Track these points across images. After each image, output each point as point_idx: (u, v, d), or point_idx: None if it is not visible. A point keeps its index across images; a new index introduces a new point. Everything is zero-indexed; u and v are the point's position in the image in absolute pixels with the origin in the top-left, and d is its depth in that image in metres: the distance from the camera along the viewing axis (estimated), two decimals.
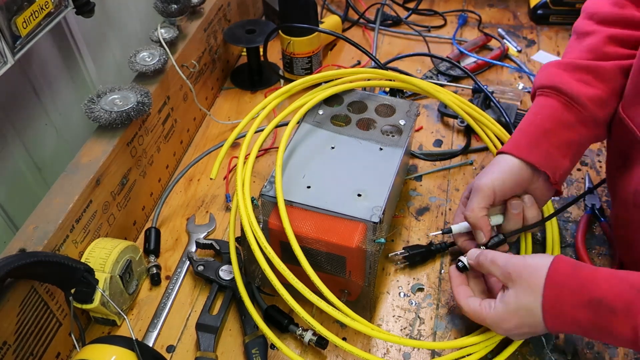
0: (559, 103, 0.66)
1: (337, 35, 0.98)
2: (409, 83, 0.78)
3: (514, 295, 0.57)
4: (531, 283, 0.56)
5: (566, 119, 0.66)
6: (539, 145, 0.66)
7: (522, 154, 0.65)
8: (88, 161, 0.70)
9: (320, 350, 0.67)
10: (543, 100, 0.68)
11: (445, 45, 1.15)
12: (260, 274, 0.71)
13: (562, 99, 0.66)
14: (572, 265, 0.56)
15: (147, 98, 0.75)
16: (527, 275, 0.56)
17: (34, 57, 0.73)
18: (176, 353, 0.68)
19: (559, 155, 0.66)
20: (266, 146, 0.92)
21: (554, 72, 0.68)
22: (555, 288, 0.55)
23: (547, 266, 0.56)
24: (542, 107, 0.68)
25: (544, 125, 0.66)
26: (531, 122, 0.68)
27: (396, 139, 0.73)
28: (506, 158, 0.66)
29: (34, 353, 0.61)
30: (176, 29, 0.88)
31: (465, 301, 0.62)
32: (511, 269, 0.58)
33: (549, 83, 0.68)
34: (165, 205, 0.85)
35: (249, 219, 0.63)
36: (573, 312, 0.54)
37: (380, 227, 0.62)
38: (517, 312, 0.57)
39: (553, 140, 0.66)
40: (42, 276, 0.59)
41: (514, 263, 0.58)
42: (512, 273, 0.57)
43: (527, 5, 1.22)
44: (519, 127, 0.69)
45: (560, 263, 0.56)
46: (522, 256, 0.60)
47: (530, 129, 0.67)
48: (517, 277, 0.57)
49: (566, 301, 0.54)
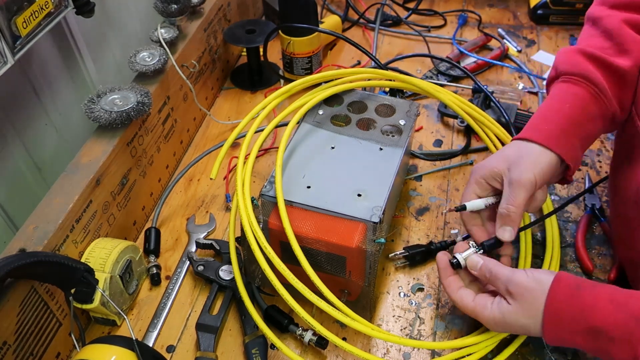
0: (587, 93, 0.64)
1: (337, 35, 0.98)
2: (409, 83, 0.78)
3: (514, 312, 0.57)
4: (531, 307, 0.56)
5: (592, 111, 0.64)
6: (569, 137, 0.63)
7: (555, 147, 0.62)
8: (88, 161, 0.70)
9: (320, 350, 0.67)
10: (571, 88, 0.65)
11: (445, 45, 1.15)
12: (260, 274, 0.71)
13: (592, 89, 0.64)
14: (572, 289, 0.55)
15: (147, 98, 0.75)
16: (528, 297, 0.56)
17: (34, 57, 0.73)
18: (176, 353, 0.68)
19: (579, 147, 0.64)
20: (266, 146, 0.92)
21: (580, 60, 0.66)
22: (554, 316, 0.54)
23: (547, 290, 0.55)
24: (571, 95, 0.65)
25: (573, 115, 0.64)
26: (559, 110, 0.65)
27: (396, 139, 0.73)
28: (540, 150, 0.63)
29: (34, 353, 0.61)
30: (176, 29, 0.88)
31: (458, 294, 0.62)
32: (512, 288, 0.57)
33: (577, 70, 0.65)
34: (165, 205, 0.85)
35: (249, 219, 0.63)
36: (572, 338, 0.54)
37: (380, 227, 0.62)
38: (514, 326, 0.58)
39: (580, 133, 0.64)
40: (42, 276, 0.59)
41: (516, 283, 0.57)
42: (513, 292, 0.57)
43: (527, 5, 1.22)
44: (545, 113, 0.66)
45: (561, 286, 0.55)
46: (525, 273, 0.58)
47: (559, 118, 0.64)
48: (517, 297, 0.57)
49: (565, 328, 0.54)
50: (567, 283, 0.55)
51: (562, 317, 0.54)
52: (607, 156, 0.88)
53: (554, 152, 0.62)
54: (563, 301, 0.54)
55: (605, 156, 0.88)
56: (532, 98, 1.00)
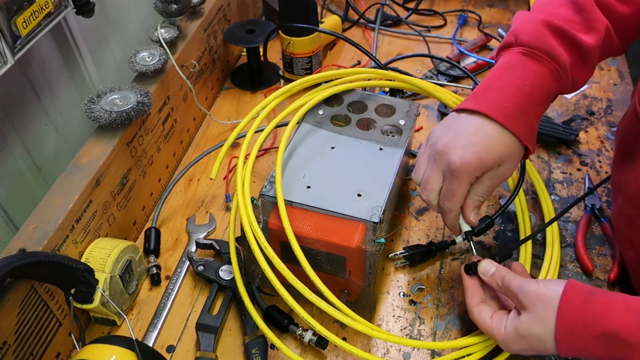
0: (549, 71, 0.61)
1: (337, 35, 0.98)
2: (409, 83, 0.78)
3: (526, 323, 0.56)
4: (543, 315, 0.54)
5: (551, 89, 0.62)
6: (526, 115, 0.60)
7: (510, 124, 0.58)
8: (88, 161, 0.70)
9: (320, 350, 0.67)
10: (534, 64, 0.61)
11: (445, 45, 1.15)
12: (260, 274, 0.71)
13: (554, 67, 0.61)
14: (584, 295, 0.54)
15: (147, 98, 0.75)
16: (540, 305, 0.55)
17: (34, 57, 0.73)
18: (176, 353, 0.68)
19: (536, 125, 0.62)
20: (266, 146, 0.92)
21: (545, 33, 0.62)
22: (567, 322, 0.53)
23: (559, 297, 0.54)
24: (533, 73, 0.61)
25: (533, 94, 0.60)
26: (519, 87, 0.60)
27: (396, 139, 0.73)
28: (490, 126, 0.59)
29: (34, 353, 0.61)
30: (176, 29, 0.88)
31: (478, 308, 0.61)
32: (523, 297, 0.56)
33: (542, 46, 0.61)
34: (165, 205, 0.85)
35: (249, 219, 0.63)
36: (586, 345, 0.53)
37: (380, 227, 0.62)
38: (528, 338, 0.56)
39: (537, 112, 0.61)
40: (42, 276, 0.59)
41: (527, 292, 0.56)
42: (524, 301, 0.56)
43: (527, 5, 1.22)
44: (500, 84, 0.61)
45: (573, 293, 0.54)
46: (536, 282, 0.57)
47: (518, 94, 0.60)
48: (529, 306, 0.56)
49: (579, 335, 0.53)
50: (580, 289, 0.54)
51: (576, 324, 0.53)
52: (607, 156, 0.88)
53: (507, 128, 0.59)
54: (576, 307, 0.53)
55: (605, 156, 0.88)
56: None
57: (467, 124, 0.60)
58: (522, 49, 0.62)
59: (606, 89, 1.01)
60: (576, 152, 0.89)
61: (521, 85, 0.60)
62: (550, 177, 0.86)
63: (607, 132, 0.92)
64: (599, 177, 0.85)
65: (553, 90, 0.62)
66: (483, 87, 0.62)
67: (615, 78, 1.03)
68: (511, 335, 0.57)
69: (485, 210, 0.82)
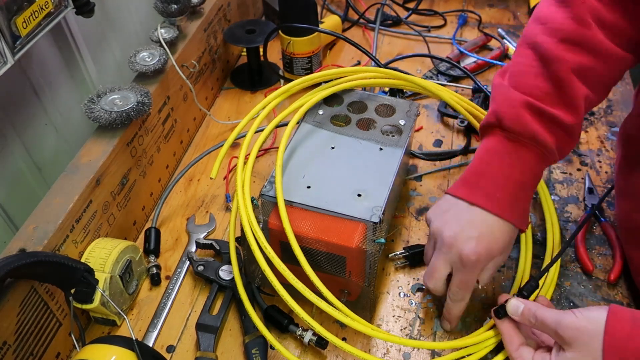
0: (536, 156, 0.62)
1: (337, 35, 0.98)
2: (409, 82, 0.78)
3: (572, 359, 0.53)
4: (590, 349, 0.52)
5: (539, 171, 0.64)
6: (518, 203, 0.62)
7: (508, 216, 0.61)
8: (88, 161, 0.70)
9: (320, 350, 0.67)
10: (520, 150, 0.62)
11: (445, 45, 1.15)
12: (260, 274, 0.71)
13: (539, 150, 0.62)
14: (629, 322, 0.51)
15: (147, 98, 0.75)
16: (584, 340, 0.52)
17: (34, 57, 0.73)
18: (176, 353, 0.68)
19: (528, 207, 0.64)
20: (266, 146, 0.92)
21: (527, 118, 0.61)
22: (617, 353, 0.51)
23: (602, 328, 0.52)
24: (521, 160, 0.62)
25: (524, 181, 0.63)
26: (509, 176, 0.62)
27: (396, 139, 0.73)
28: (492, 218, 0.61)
29: (34, 353, 0.61)
30: (176, 29, 0.88)
31: (518, 353, 0.59)
32: (564, 333, 0.54)
33: (525, 132, 0.61)
34: (165, 205, 0.85)
35: (249, 219, 0.63)
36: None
37: (380, 227, 0.62)
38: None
39: (528, 196, 0.64)
40: (42, 276, 0.59)
41: (567, 326, 0.54)
42: (565, 337, 0.54)
43: (527, 5, 1.22)
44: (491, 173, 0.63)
45: (617, 323, 0.52)
46: (572, 314, 0.54)
47: (509, 184, 0.62)
48: (573, 342, 0.53)
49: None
50: (623, 317, 0.52)
51: (626, 353, 0.50)
52: (607, 156, 0.88)
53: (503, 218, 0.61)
54: (623, 337, 0.51)
55: (605, 156, 0.88)
56: None
57: (470, 214, 0.62)
58: (506, 134, 0.63)
59: None
60: (576, 152, 0.89)
61: (510, 174, 0.62)
62: (550, 177, 0.86)
63: (607, 132, 0.92)
64: (599, 177, 0.85)
65: (541, 170, 0.64)
66: (474, 173, 0.64)
67: None
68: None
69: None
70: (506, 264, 0.74)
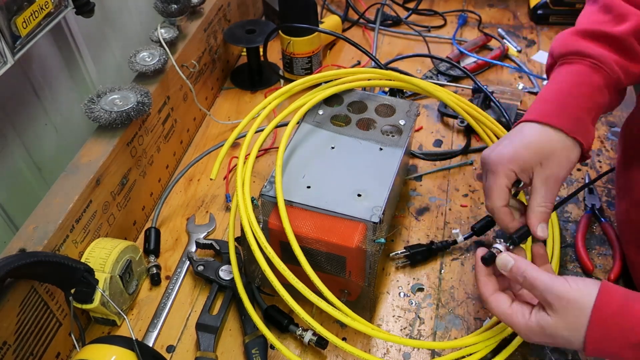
0: (585, 67, 0.61)
1: (337, 35, 0.98)
2: (409, 83, 0.78)
3: (554, 324, 0.52)
4: (574, 320, 0.51)
5: (596, 82, 0.61)
6: (568, 109, 0.59)
7: (549, 120, 0.58)
8: (88, 161, 0.70)
9: (320, 350, 0.67)
10: (567, 67, 0.63)
11: (445, 45, 1.15)
12: (260, 274, 0.71)
13: (589, 62, 0.62)
14: (620, 301, 0.51)
15: (147, 98, 0.75)
16: (571, 311, 0.52)
17: (34, 57, 0.73)
18: (176, 353, 0.68)
19: (589, 120, 0.60)
20: (266, 146, 0.92)
21: (573, 39, 0.64)
22: (600, 329, 0.50)
23: (592, 303, 0.51)
24: (568, 73, 0.62)
25: (571, 90, 0.61)
26: (556, 90, 0.62)
27: (396, 139, 0.73)
28: (529, 126, 0.59)
29: (34, 353, 0.61)
30: (176, 29, 0.88)
31: (494, 297, 0.57)
32: (552, 299, 0.52)
33: (571, 49, 0.63)
34: (165, 205, 0.85)
35: (249, 219, 0.63)
36: (618, 352, 0.51)
37: (380, 227, 0.62)
38: (554, 338, 0.53)
39: (583, 104, 0.60)
40: (42, 276, 0.59)
41: (556, 294, 0.52)
42: (554, 305, 0.52)
43: (527, 5, 1.22)
44: (540, 97, 0.63)
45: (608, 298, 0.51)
46: (565, 281, 0.53)
47: (556, 96, 0.61)
48: (559, 309, 0.52)
49: (612, 342, 0.50)
50: (615, 294, 0.51)
51: (611, 331, 0.50)
52: (607, 156, 0.88)
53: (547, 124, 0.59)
54: (611, 315, 0.50)
55: (605, 156, 0.88)
56: (532, 98, 1.00)
57: (508, 133, 0.63)
58: (559, 62, 0.64)
59: None
60: None
61: (559, 88, 0.62)
62: None
63: (607, 132, 0.92)
64: None
65: (598, 82, 0.61)
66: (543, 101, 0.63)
67: None
68: (535, 331, 0.54)
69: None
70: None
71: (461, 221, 0.80)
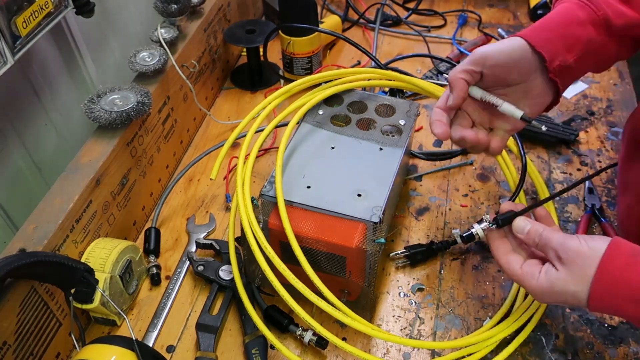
0: (572, 4, 0.63)
1: (337, 35, 0.98)
2: (409, 83, 0.78)
3: (563, 279, 0.54)
4: (583, 273, 0.53)
5: (577, 16, 0.62)
6: (543, 30, 0.62)
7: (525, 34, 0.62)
8: (88, 161, 0.70)
9: (320, 350, 0.67)
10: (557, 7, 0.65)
11: (445, 45, 1.15)
12: (260, 274, 0.71)
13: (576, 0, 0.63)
14: (628, 257, 0.52)
15: (147, 98, 0.75)
16: (580, 264, 0.53)
17: (34, 57, 0.73)
18: (176, 353, 0.68)
19: (561, 45, 0.62)
20: (266, 146, 0.92)
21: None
22: (606, 282, 0.52)
23: (600, 256, 0.53)
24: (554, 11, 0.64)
25: (551, 18, 0.63)
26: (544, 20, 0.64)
27: (396, 139, 0.73)
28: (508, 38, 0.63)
29: (34, 353, 0.61)
30: (176, 29, 0.88)
31: (506, 259, 0.60)
32: (563, 253, 0.54)
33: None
34: (165, 205, 0.85)
35: (249, 219, 0.63)
36: (622, 305, 0.52)
37: (380, 227, 0.62)
38: (562, 294, 0.55)
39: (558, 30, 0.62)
40: (42, 276, 0.59)
41: (568, 248, 0.54)
42: (563, 258, 0.54)
43: (527, 5, 1.22)
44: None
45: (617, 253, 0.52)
46: (576, 238, 0.55)
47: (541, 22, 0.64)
48: (569, 263, 0.54)
49: (617, 295, 0.52)
50: (624, 249, 0.53)
51: (617, 283, 0.51)
52: (607, 156, 0.88)
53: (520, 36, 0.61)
54: (618, 268, 0.52)
55: (605, 156, 0.88)
56: None
57: None
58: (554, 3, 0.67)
59: (606, 89, 1.01)
60: (576, 152, 0.89)
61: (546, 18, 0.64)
62: (550, 177, 0.86)
63: (607, 132, 0.92)
64: (599, 177, 0.85)
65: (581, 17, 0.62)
66: None
67: (615, 78, 1.03)
68: (544, 289, 0.56)
69: (486, 210, 0.82)
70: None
71: (461, 221, 0.80)
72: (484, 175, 0.87)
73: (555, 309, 0.69)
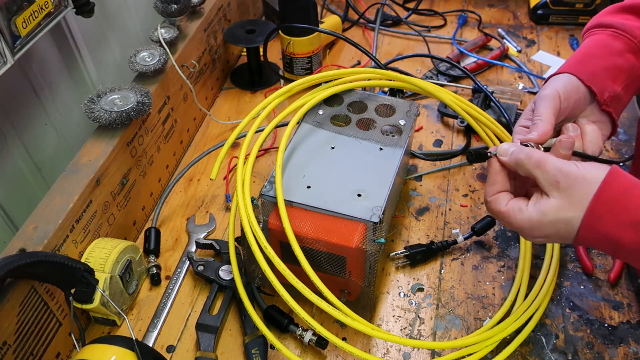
0: (606, 35, 0.64)
1: (337, 35, 0.98)
2: (409, 83, 0.78)
3: (556, 207, 0.51)
4: (580, 196, 0.50)
5: (614, 47, 0.63)
6: (586, 64, 0.63)
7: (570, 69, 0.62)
8: (88, 161, 0.70)
9: (320, 350, 0.67)
10: (589, 38, 0.66)
11: (445, 45, 1.15)
12: (260, 274, 0.71)
13: (610, 31, 0.64)
14: (628, 182, 0.51)
15: (147, 98, 0.75)
16: (578, 188, 0.51)
17: (34, 57, 0.73)
18: (176, 353, 0.68)
19: (606, 77, 0.62)
20: (266, 146, 0.92)
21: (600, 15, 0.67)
22: (603, 204, 0.50)
23: (600, 180, 0.50)
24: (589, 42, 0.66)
25: (590, 51, 0.64)
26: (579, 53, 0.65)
27: (396, 139, 0.73)
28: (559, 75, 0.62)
29: (34, 353, 0.61)
30: (176, 29, 0.88)
31: (496, 195, 0.56)
32: (561, 178, 0.51)
33: (594, 23, 0.67)
34: (165, 205, 0.85)
35: (249, 219, 0.63)
36: (615, 231, 0.50)
37: (380, 227, 0.62)
38: (555, 224, 0.52)
39: (600, 63, 0.62)
40: (42, 276, 0.59)
41: (567, 172, 0.51)
42: (561, 182, 0.51)
43: (527, 5, 1.22)
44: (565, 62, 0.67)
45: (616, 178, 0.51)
46: (574, 164, 0.52)
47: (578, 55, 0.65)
48: (566, 188, 0.51)
49: (612, 218, 0.50)
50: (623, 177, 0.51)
51: (614, 206, 0.50)
52: (607, 156, 0.88)
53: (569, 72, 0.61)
54: (618, 191, 0.50)
55: (605, 156, 0.88)
56: (532, 98, 1.00)
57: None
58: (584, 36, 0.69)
59: None
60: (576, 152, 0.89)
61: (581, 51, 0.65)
62: None
63: None
64: None
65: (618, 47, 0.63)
66: None
67: None
68: (533, 221, 0.53)
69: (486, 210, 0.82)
70: (506, 263, 0.75)
71: (461, 221, 0.80)
72: (484, 175, 0.87)
73: (555, 309, 0.69)
